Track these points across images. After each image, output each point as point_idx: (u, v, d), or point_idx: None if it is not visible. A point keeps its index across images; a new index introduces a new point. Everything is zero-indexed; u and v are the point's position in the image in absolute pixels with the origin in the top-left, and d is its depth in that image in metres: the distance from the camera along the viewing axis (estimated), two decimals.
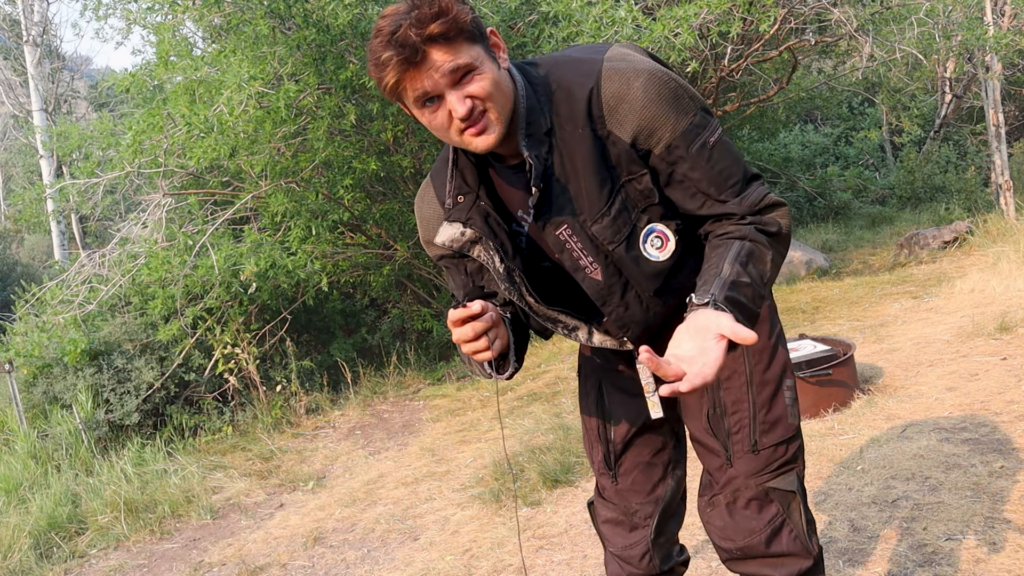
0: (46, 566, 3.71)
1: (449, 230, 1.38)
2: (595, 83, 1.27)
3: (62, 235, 11.80)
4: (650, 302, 1.41)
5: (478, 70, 1.22)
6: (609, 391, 1.61)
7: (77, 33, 39.73)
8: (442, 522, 3.42)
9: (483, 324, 1.25)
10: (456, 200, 1.37)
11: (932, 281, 6.12)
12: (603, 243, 1.33)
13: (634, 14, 4.95)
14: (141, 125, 5.31)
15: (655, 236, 1.35)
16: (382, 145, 5.86)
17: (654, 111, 1.26)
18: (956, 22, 6.72)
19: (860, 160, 12.98)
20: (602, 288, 1.38)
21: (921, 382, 3.85)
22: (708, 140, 1.29)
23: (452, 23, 1.18)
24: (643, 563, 1.64)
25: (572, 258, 1.36)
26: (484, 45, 1.25)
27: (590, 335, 1.50)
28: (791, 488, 1.45)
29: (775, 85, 7.82)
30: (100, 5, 5.95)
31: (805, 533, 1.47)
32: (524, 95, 1.30)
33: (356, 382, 6.15)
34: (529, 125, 1.29)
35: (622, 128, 1.27)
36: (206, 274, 5.28)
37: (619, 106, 1.27)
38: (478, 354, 1.27)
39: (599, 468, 1.65)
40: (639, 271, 1.36)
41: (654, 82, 1.26)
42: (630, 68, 1.27)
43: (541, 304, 1.42)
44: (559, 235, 1.34)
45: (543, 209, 1.33)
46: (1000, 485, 2.66)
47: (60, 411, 5.46)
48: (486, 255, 1.38)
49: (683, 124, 1.27)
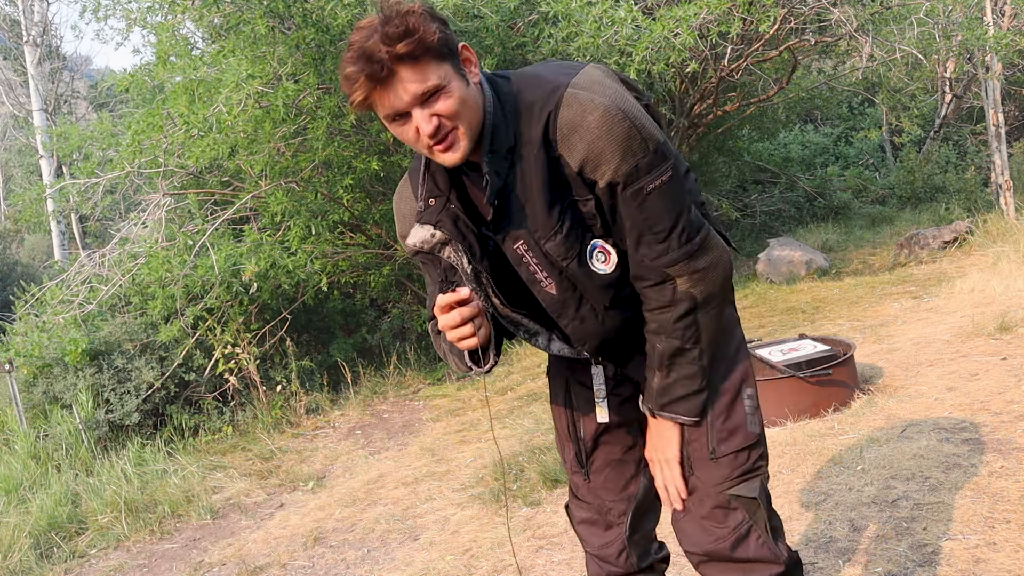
0: (46, 566, 3.71)
1: (420, 232, 1.41)
2: (554, 107, 1.30)
3: (62, 235, 11.80)
4: (604, 315, 1.44)
5: (445, 89, 1.24)
6: (576, 390, 1.64)
7: (77, 35, 39.74)
8: (442, 522, 3.42)
9: (470, 310, 1.28)
10: (427, 203, 1.41)
11: (932, 281, 6.12)
12: (556, 259, 1.37)
13: (634, 14, 4.94)
14: (141, 125, 5.31)
15: (598, 251, 1.39)
16: (382, 145, 5.86)
17: (602, 146, 1.28)
18: (956, 22, 6.72)
19: (860, 160, 12.98)
20: (557, 302, 1.42)
21: (921, 382, 3.84)
22: (646, 186, 1.31)
23: (419, 43, 1.20)
24: (620, 561, 1.65)
25: (528, 271, 1.40)
26: (453, 62, 1.27)
27: (549, 342, 1.55)
28: (754, 495, 1.47)
29: (775, 85, 7.81)
30: (99, 6, 5.95)
31: (771, 538, 1.48)
32: (491, 111, 1.32)
33: (356, 382, 6.15)
34: (494, 141, 1.32)
35: (571, 155, 1.30)
36: (206, 274, 5.28)
37: (571, 134, 1.29)
38: (463, 341, 1.30)
39: (571, 466, 1.68)
40: (592, 285, 1.40)
41: (607, 118, 1.27)
42: (589, 99, 1.29)
43: (506, 306, 1.46)
44: (516, 249, 1.38)
45: (502, 223, 1.37)
46: (1000, 485, 2.66)
47: (60, 411, 5.46)
48: (455, 256, 1.41)
49: (626, 166, 1.29)
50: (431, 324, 1.52)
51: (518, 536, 3.07)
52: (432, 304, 1.51)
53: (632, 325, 1.47)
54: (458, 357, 1.45)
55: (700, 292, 1.36)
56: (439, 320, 1.30)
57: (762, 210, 11.00)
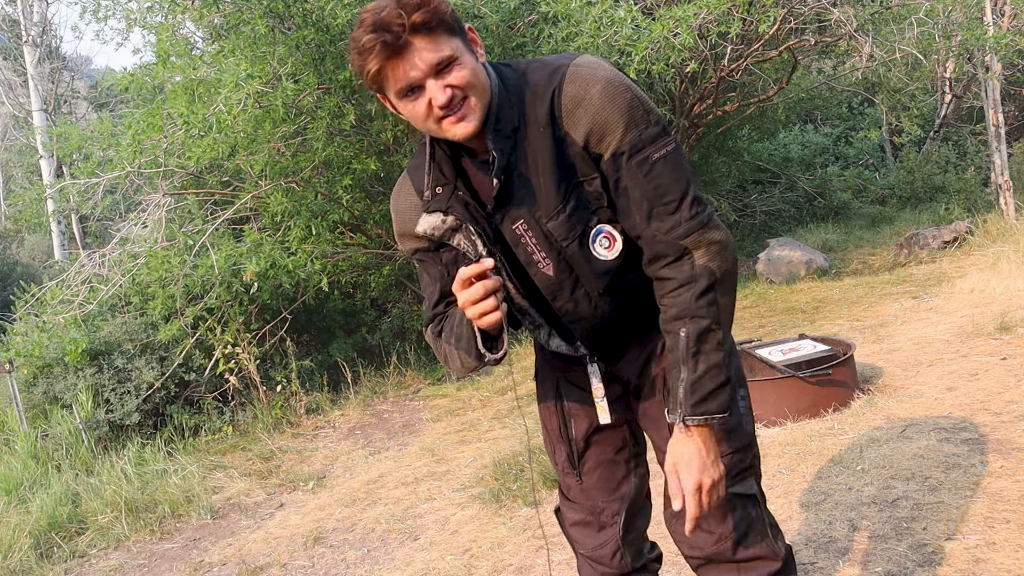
0: (46, 566, 3.71)
1: (429, 219, 1.42)
2: (558, 84, 1.32)
3: (62, 235, 11.79)
4: (599, 300, 1.44)
5: (458, 61, 1.26)
6: (567, 390, 1.64)
7: (77, 35, 39.71)
8: (442, 522, 3.42)
9: (493, 283, 1.24)
10: (435, 191, 1.41)
11: (932, 281, 6.12)
12: (557, 239, 1.37)
13: (633, 14, 4.94)
14: (141, 125, 5.31)
15: (603, 236, 1.39)
16: (382, 145, 5.86)
17: (606, 116, 1.29)
18: (956, 22, 6.72)
19: (860, 160, 12.98)
20: (553, 283, 1.42)
21: (921, 382, 3.85)
22: (652, 155, 1.31)
23: (434, 13, 1.22)
24: (614, 562, 1.65)
25: (526, 252, 1.40)
26: (463, 39, 1.29)
27: (549, 337, 1.55)
28: (751, 492, 1.48)
29: (775, 85, 7.81)
30: (99, 7, 5.95)
31: (771, 535, 1.49)
32: (497, 92, 1.34)
33: (356, 382, 6.15)
34: (498, 121, 1.33)
35: (576, 129, 1.31)
36: (206, 274, 5.28)
37: (576, 108, 1.30)
38: (485, 317, 1.25)
39: (563, 468, 1.67)
40: (589, 269, 1.40)
41: (611, 89, 1.29)
42: (591, 73, 1.31)
43: (519, 292, 1.46)
44: (515, 229, 1.39)
45: (503, 202, 1.37)
46: (1000, 485, 2.66)
47: (60, 411, 5.46)
48: (467, 242, 1.41)
49: (631, 134, 1.30)
50: (431, 327, 1.51)
51: (518, 536, 3.07)
52: (431, 305, 1.51)
53: (624, 315, 1.47)
54: (467, 348, 1.39)
55: (718, 267, 1.32)
56: (459, 296, 1.26)
57: (762, 210, 11.00)
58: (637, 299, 1.46)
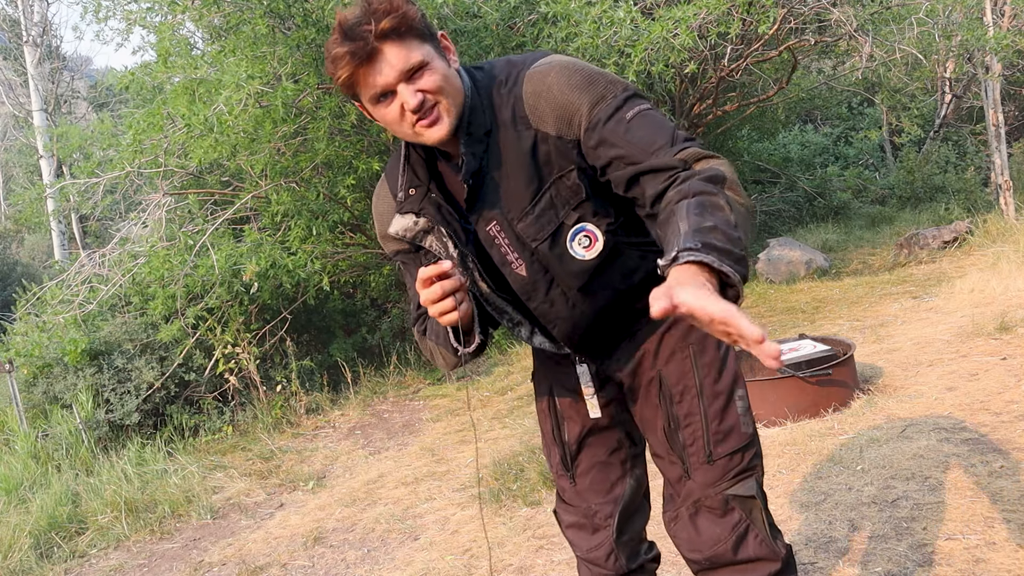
0: (46, 566, 3.71)
1: (402, 220, 1.43)
2: (519, 87, 1.33)
3: (62, 235, 11.79)
4: (575, 299, 1.44)
5: (429, 66, 1.27)
6: (559, 392, 1.64)
7: (77, 36, 39.73)
8: (442, 522, 3.42)
9: (451, 283, 1.27)
10: (408, 193, 1.43)
11: (932, 281, 6.12)
12: (527, 240, 1.38)
13: (633, 14, 4.94)
14: (141, 125, 5.31)
15: (583, 235, 1.38)
16: (383, 145, 5.86)
17: (567, 98, 1.30)
18: (956, 22, 6.72)
19: (860, 160, 12.99)
20: (527, 283, 1.43)
21: (921, 382, 3.85)
22: (624, 116, 1.28)
23: (402, 19, 1.23)
24: (609, 563, 1.65)
25: (500, 253, 1.41)
26: (434, 45, 1.30)
27: (532, 334, 1.55)
28: (751, 493, 1.47)
29: (775, 85, 7.82)
30: (100, 7, 5.95)
31: (770, 536, 1.49)
32: (469, 96, 1.35)
33: (356, 382, 6.15)
34: (471, 125, 1.34)
35: (545, 122, 1.32)
36: (206, 274, 5.28)
37: (538, 102, 1.31)
38: (444, 316, 1.28)
39: (557, 470, 1.67)
40: (563, 268, 1.40)
41: (566, 72, 1.30)
42: (546, 65, 1.33)
43: (493, 291, 1.47)
44: (489, 230, 1.40)
45: (476, 204, 1.38)
46: (1000, 485, 2.66)
47: (60, 411, 5.46)
48: (439, 243, 1.43)
49: (599, 107, 1.29)
50: (417, 326, 1.53)
51: (518, 536, 3.07)
52: (416, 305, 1.52)
53: (607, 315, 1.46)
54: (443, 341, 1.43)
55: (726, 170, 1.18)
56: (420, 295, 1.27)
57: (762, 210, 11.00)
58: (622, 298, 1.45)
